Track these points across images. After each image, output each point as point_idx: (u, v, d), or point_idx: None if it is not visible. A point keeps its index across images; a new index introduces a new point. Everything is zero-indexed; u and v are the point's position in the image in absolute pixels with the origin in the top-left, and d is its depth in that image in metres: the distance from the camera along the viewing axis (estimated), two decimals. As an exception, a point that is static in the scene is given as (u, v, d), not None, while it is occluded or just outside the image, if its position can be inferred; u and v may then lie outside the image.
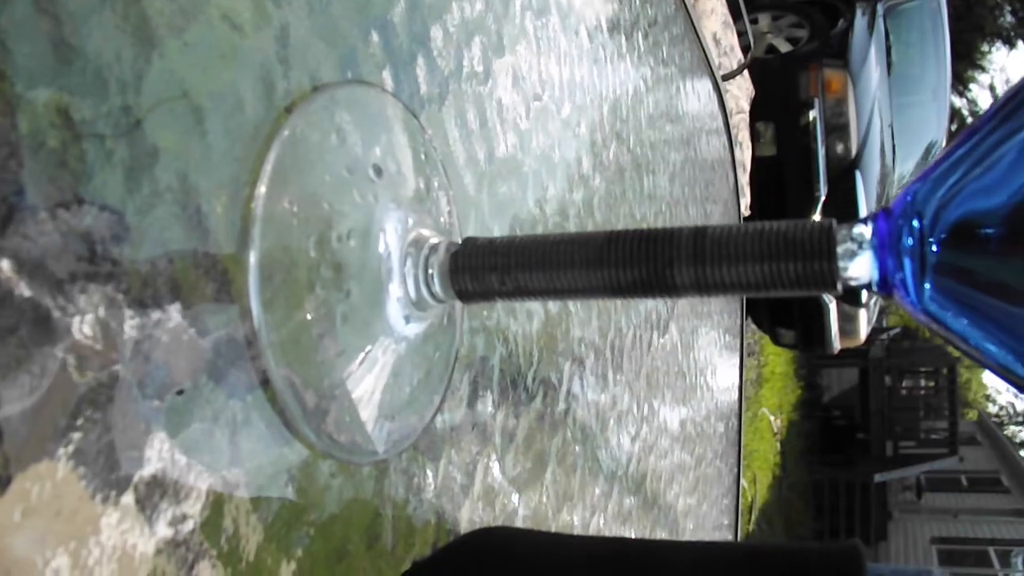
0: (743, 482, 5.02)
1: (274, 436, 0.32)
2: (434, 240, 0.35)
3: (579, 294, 0.32)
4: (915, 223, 0.28)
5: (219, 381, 0.30)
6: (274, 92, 0.32)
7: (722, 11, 3.14)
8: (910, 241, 0.28)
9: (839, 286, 0.29)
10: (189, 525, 0.28)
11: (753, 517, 6.08)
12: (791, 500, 8.88)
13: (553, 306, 0.56)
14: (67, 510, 0.24)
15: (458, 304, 0.41)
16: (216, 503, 0.29)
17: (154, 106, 0.27)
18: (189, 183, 0.28)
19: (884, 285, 0.29)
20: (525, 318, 0.52)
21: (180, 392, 0.28)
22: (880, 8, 4.99)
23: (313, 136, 0.33)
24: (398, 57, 0.40)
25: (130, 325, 0.26)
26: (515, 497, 0.50)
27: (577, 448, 0.60)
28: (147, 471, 0.27)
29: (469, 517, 0.45)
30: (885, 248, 0.29)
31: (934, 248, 0.27)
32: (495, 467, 0.48)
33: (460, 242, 0.35)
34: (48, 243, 0.24)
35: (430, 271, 0.35)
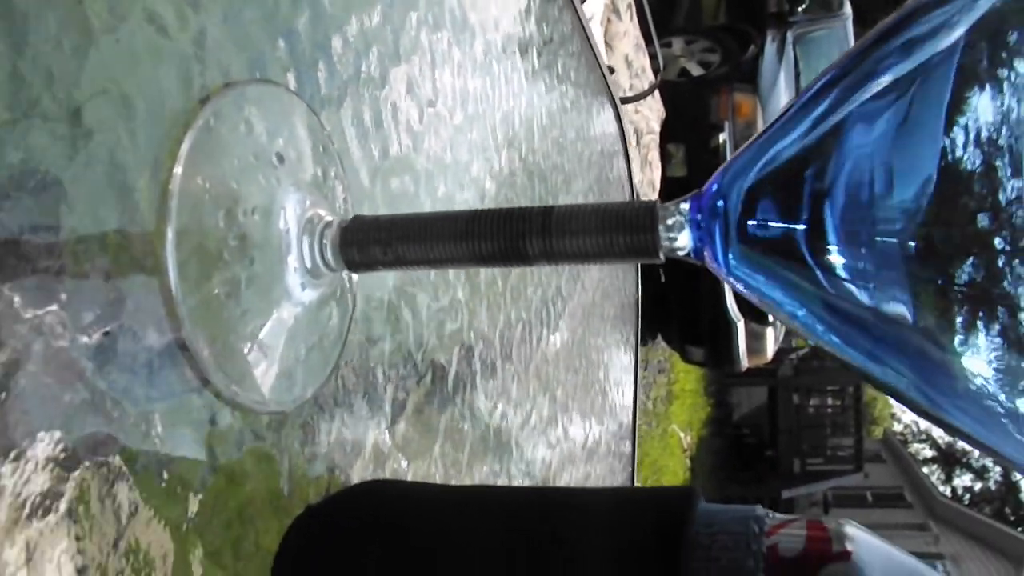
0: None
1: (186, 384, 0.37)
2: (328, 218, 0.41)
3: (450, 263, 0.38)
4: (719, 202, 0.34)
5: (139, 332, 0.35)
6: (191, 87, 0.38)
7: (635, 33, 3.22)
8: (718, 216, 0.34)
9: (661, 255, 0.35)
10: (109, 456, 0.33)
11: (662, 532, 6.14)
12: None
13: (445, 296, 0.62)
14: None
15: (354, 278, 0.47)
16: (134, 435, 0.34)
17: (91, 95, 0.32)
18: (117, 159, 0.33)
19: (699, 254, 0.35)
20: (417, 304, 0.58)
21: (107, 333, 0.33)
22: (790, 35, 5.13)
23: (224, 126, 0.38)
24: (302, 61, 0.46)
25: (65, 279, 0.31)
26: (404, 463, 0.56)
27: (466, 427, 0.66)
28: (77, 398, 0.32)
29: (361, 475, 0.51)
30: (698, 223, 0.35)
31: (734, 222, 0.34)
32: (385, 434, 0.53)
33: (350, 219, 0.40)
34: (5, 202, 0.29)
35: (324, 243, 0.40)
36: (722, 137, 4.79)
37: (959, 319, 0.30)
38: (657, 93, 3.35)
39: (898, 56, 0.32)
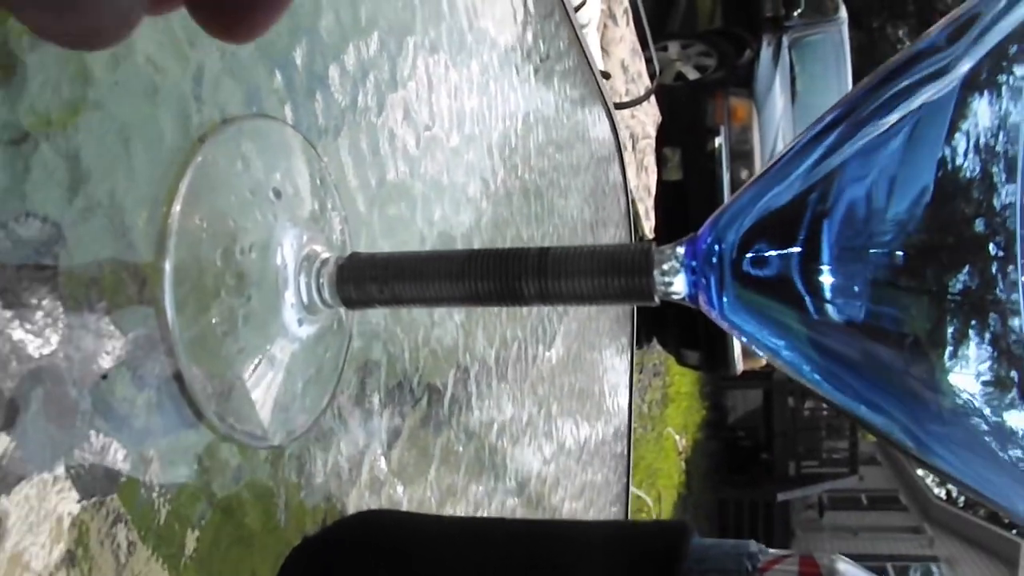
0: (648, 500, 5.07)
1: (183, 420, 0.37)
2: (325, 255, 0.41)
3: (446, 302, 0.38)
4: (716, 246, 0.34)
5: (137, 371, 0.35)
6: (189, 124, 0.38)
7: (631, 39, 3.23)
8: (713, 261, 0.34)
9: (656, 299, 0.36)
10: (107, 497, 0.34)
11: (657, 535, 6.14)
12: (696, 519, 8.98)
13: (439, 319, 0.62)
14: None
15: (350, 313, 0.47)
16: (132, 474, 0.35)
17: (90, 137, 0.33)
18: (116, 200, 0.34)
19: (694, 299, 0.36)
20: (413, 329, 0.58)
21: (104, 376, 0.33)
22: (785, 40, 5.14)
23: (222, 162, 0.39)
24: (299, 93, 0.46)
25: (64, 321, 0.31)
26: (400, 489, 0.56)
27: (460, 449, 0.66)
28: (76, 439, 0.32)
29: (357, 503, 0.51)
30: (693, 267, 0.35)
31: (728, 262, 0.34)
32: (381, 461, 0.54)
33: (347, 256, 0.40)
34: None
35: (321, 281, 0.40)
36: (718, 141, 4.80)
37: (951, 329, 0.30)
38: (653, 97, 3.35)
39: (903, 97, 0.32)
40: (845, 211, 0.32)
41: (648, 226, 3.41)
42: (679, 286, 0.36)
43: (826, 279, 0.32)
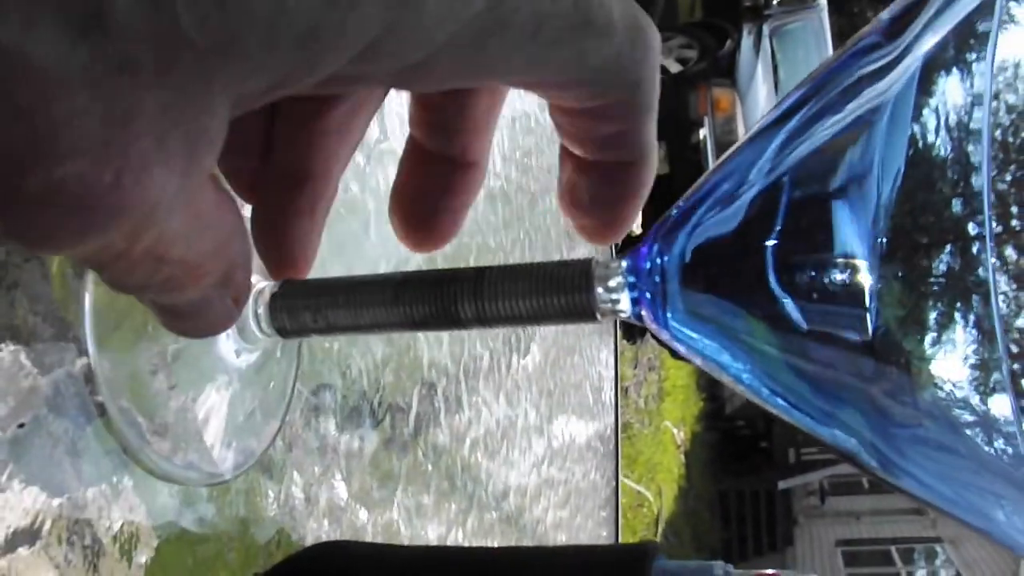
0: (649, 495, 5.06)
1: (113, 463, 0.36)
2: (260, 284, 0.39)
3: (381, 328, 0.36)
4: (659, 257, 0.33)
5: (59, 414, 0.33)
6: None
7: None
8: (655, 274, 0.33)
9: (599, 316, 0.34)
10: (37, 545, 0.32)
11: (660, 529, 6.15)
12: (698, 511, 9.00)
13: (400, 335, 0.61)
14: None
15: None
16: (61, 524, 0.33)
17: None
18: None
19: (639, 316, 0.34)
20: (370, 348, 0.56)
21: (21, 425, 0.32)
22: (766, 29, 5.14)
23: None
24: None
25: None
26: (363, 514, 0.54)
27: (429, 467, 0.64)
28: (-11, 497, 0.30)
29: (316, 534, 0.49)
30: (633, 283, 0.33)
31: (678, 276, 0.32)
32: (340, 486, 0.52)
33: (280, 284, 0.39)
34: None
35: (259, 311, 0.39)
36: (702, 133, 4.80)
37: (933, 314, 0.29)
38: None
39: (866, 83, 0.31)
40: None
41: (636, 222, 3.41)
42: (624, 304, 0.34)
43: (800, 277, 0.30)
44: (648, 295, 0.33)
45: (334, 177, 0.31)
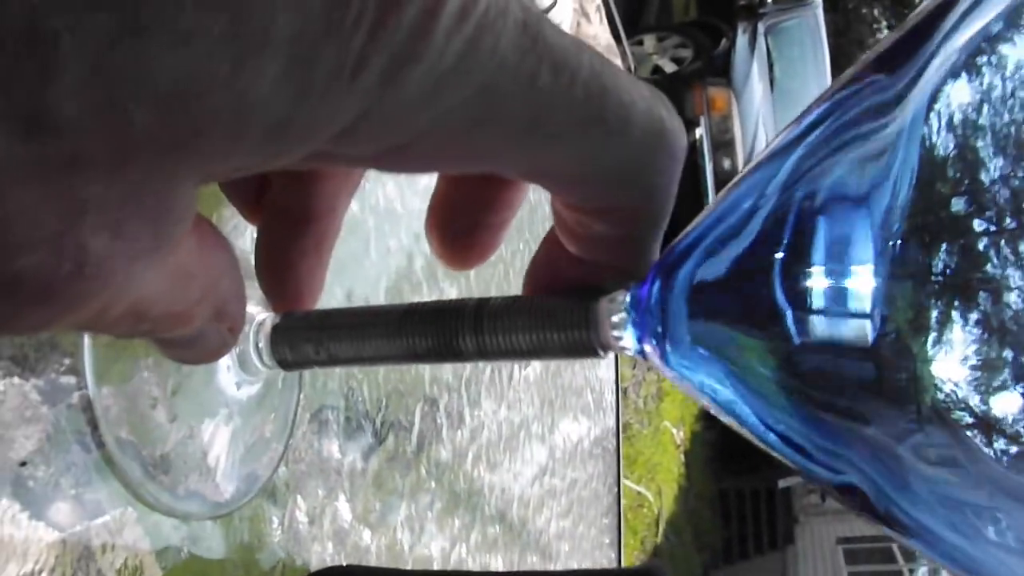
0: (649, 496, 5.05)
1: (115, 496, 0.35)
2: (261, 316, 0.39)
3: (384, 361, 0.36)
4: (661, 295, 0.32)
5: (60, 448, 0.33)
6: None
7: (605, 36, 3.21)
8: (657, 305, 0.32)
9: (601, 352, 0.33)
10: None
11: (660, 530, 6.14)
12: (699, 510, 8.98)
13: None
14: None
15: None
16: (66, 560, 0.33)
17: None
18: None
19: (642, 354, 0.33)
20: (372, 368, 0.56)
21: (23, 464, 0.32)
22: (761, 27, 5.14)
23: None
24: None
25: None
26: (367, 535, 0.54)
27: (433, 484, 0.64)
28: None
29: (320, 558, 0.49)
30: (636, 320, 0.33)
31: (683, 303, 0.32)
32: (344, 508, 0.52)
33: (281, 316, 0.38)
34: None
35: (260, 344, 0.38)
36: (698, 132, 4.79)
37: (934, 313, 0.29)
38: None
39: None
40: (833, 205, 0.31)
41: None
42: (628, 341, 0.33)
43: (813, 283, 0.30)
44: (652, 330, 0.33)
45: (338, 216, 0.31)
